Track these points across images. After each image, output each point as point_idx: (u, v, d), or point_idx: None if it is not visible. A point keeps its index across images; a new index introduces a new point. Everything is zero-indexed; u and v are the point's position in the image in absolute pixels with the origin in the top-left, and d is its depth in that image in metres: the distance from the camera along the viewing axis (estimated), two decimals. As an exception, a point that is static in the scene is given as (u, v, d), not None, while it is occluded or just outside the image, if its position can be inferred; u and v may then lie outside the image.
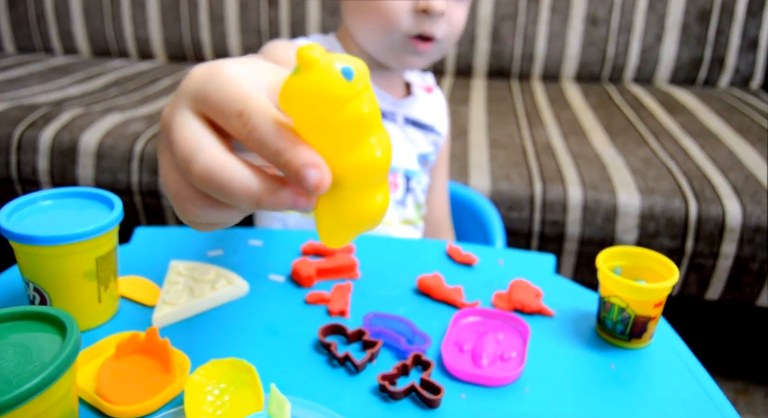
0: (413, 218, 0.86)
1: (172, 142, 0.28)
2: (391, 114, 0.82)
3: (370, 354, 0.50)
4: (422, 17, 0.71)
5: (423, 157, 0.87)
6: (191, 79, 0.29)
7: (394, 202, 0.84)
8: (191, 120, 0.28)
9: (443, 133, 0.91)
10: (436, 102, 0.91)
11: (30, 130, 1.25)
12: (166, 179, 0.29)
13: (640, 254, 0.55)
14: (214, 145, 0.27)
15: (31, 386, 0.31)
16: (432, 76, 0.93)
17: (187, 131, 0.28)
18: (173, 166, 0.29)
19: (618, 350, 0.53)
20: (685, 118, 1.49)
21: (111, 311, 0.54)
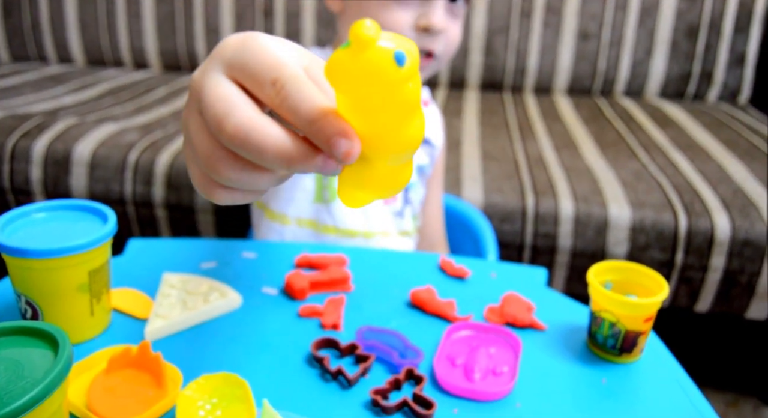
0: (410, 229, 0.86)
1: (203, 102, 0.28)
2: None
3: (363, 368, 0.50)
4: (422, 34, 0.71)
5: (420, 170, 0.88)
6: (225, 46, 0.29)
7: (392, 214, 0.84)
8: (224, 82, 0.28)
9: (438, 146, 0.92)
10: (431, 116, 0.91)
11: (24, 139, 1.25)
12: (197, 145, 0.29)
13: (631, 268, 0.56)
14: (247, 105, 0.27)
15: (22, 403, 0.31)
16: (428, 91, 0.93)
17: (220, 91, 0.27)
18: (204, 129, 0.28)
19: (609, 364, 0.54)
20: (674, 131, 1.50)
21: (103, 324, 0.54)
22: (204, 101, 0.28)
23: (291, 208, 0.82)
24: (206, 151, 0.28)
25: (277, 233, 0.84)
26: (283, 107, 0.26)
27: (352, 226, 0.80)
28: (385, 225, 0.82)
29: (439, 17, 0.70)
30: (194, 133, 0.29)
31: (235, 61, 0.28)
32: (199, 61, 1.93)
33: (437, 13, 0.70)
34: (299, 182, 0.80)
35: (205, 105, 0.28)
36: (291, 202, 0.82)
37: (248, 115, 0.27)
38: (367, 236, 0.80)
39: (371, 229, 0.81)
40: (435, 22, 0.70)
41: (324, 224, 0.80)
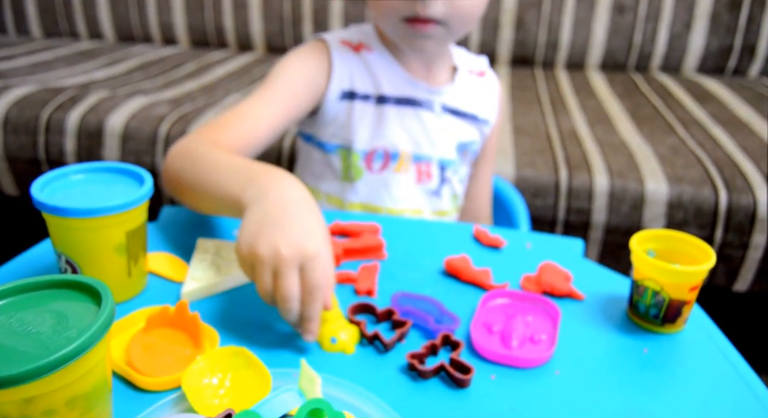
0: (448, 209, 0.84)
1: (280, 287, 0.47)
2: (428, 102, 0.80)
3: (400, 334, 0.50)
4: (414, 1, 0.67)
5: (463, 147, 0.84)
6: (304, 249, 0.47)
7: (426, 192, 0.81)
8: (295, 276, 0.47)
9: (491, 121, 0.87)
10: (486, 87, 0.86)
11: (57, 112, 1.26)
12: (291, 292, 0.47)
13: (675, 237, 0.54)
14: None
15: (69, 352, 0.31)
16: (486, 60, 0.88)
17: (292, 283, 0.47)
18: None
19: (651, 334, 0.52)
20: (714, 107, 1.45)
21: (140, 285, 0.54)
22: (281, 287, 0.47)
23: (322, 183, 0.81)
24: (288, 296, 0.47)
25: None
26: (306, 303, 0.48)
27: (378, 202, 0.79)
28: (417, 203, 0.81)
29: None
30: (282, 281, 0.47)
31: (303, 270, 0.47)
32: (227, 36, 1.93)
33: None
34: (328, 161, 0.79)
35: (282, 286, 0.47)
36: (321, 178, 0.81)
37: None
38: (393, 212, 0.79)
39: (397, 206, 0.79)
40: None
41: (350, 202, 0.79)
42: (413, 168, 0.80)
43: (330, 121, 0.78)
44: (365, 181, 0.79)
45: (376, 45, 0.79)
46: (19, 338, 0.33)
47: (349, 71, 0.77)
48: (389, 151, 0.78)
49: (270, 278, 0.47)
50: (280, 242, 0.46)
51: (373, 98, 0.78)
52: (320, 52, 0.77)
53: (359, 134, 0.77)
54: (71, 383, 0.32)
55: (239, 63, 1.78)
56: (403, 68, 0.79)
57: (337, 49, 0.78)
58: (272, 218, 0.49)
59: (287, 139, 1.20)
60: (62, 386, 0.32)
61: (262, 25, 1.89)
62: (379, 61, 0.78)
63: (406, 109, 0.79)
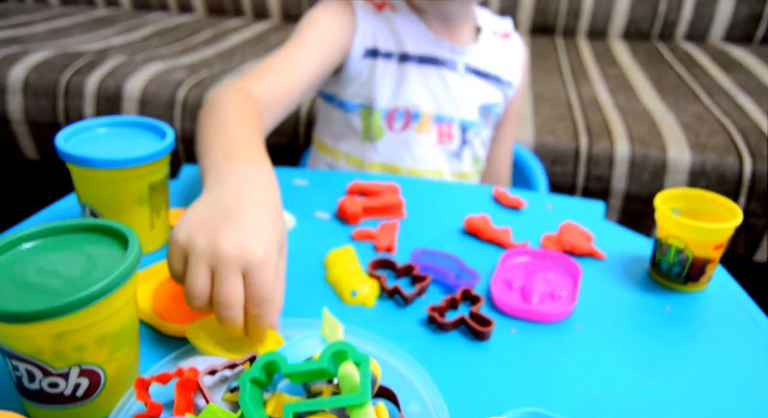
0: (469, 171, 0.83)
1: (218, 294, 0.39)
2: (451, 62, 0.79)
3: (420, 288, 0.50)
4: None
5: (485, 109, 0.83)
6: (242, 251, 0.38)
7: (447, 154, 0.80)
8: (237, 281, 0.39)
9: (515, 84, 0.85)
10: (510, 49, 0.85)
11: (76, 76, 1.27)
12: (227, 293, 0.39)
13: (700, 195, 0.53)
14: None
15: (97, 290, 0.32)
16: (510, 22, 0.87)
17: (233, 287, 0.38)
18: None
19: (673, 292, 0.52)
20: (741, 75, 1.41)
21: (162, 238, 0.55)
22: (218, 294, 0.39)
23: (342, 144, 0.81)
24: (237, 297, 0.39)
25: (328, 165, 0.83)
26: (250, 306, 0.39)
27: (398, 162, 0.79)
28: (437, 164, 0.80)
29: None
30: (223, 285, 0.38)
31: (245, 276, 0.39)
32: (242, 4, 1.91)
33: None
34: (348, 120, 0.79)
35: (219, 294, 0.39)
36: (342, 138, 0.81)
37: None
38: (413, 173, 0.79)
39: (418, 166, 0.79)
40: None
41: (370, 161, 0.79)
42: (435, 128, 0.79)
43: (353, 79, 0.77)
44: (386, 141, 0.78)
45: (399, 4, 0.78)
46: (50, 277, 0.33)
47: (372, 29, 0.76)
48: (411, 110, 0.77)
49: (205, 277, 0.38)
50: (223, 238, 0.38)
51: (396, 56, 0.77)
52: (346, 8, 0.76)
53: (381, 93, 0.77)
54: (100, 321, 0.33)
55: (255, 30, 1.76)
56: (426, 27, 0.77)
57: (361, 7, 0.77)
58: (224, 209, 0.41)
59: (304, 106, 1.20)
60: (91, 323, 0.33)
61: (279, -9, 1.87)
62: (402, 19, 0.77)
63: (429, 68, 0.78)
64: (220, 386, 0.36)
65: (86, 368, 0.34)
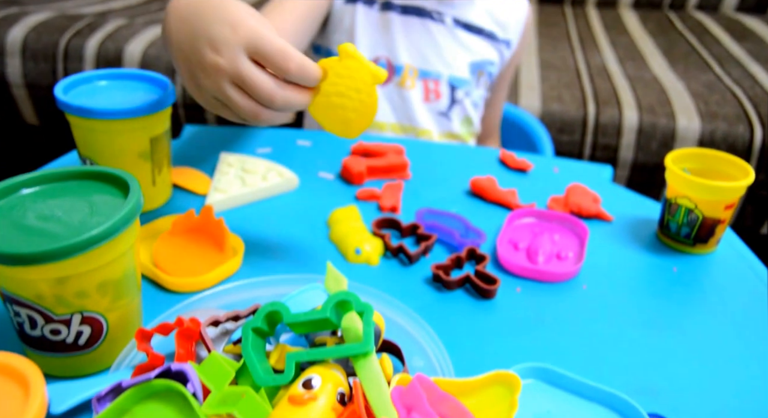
0: (460, 132, 0.81)
1: (249, 81, 0.39)
2: (438, 14, 0.75)
3: (425, 246, 0.49)
4: None
5: (477, 66, 0.79)
6: (239, 37, 0.38)
7: (434, 112, 0.78)
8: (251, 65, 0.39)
9: (513, 43, 0.81)
10: (512, 4, 0.80)
11: (76, 38, 1.25)
12: (258, 88, 0.39)
13: (711, 155, 0.52)
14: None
15: (98, 233, 0.31)
16: None
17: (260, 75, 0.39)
18: (257, 81, 0.39)
19: (681, 254, 0.51)
20: (753, 44, 1.39)
21: (165, 195, 0.54)
22: (249, 81, 0.39)
23: None
24: (269, 90, 0.39)
25: (316, 123, 0.81)
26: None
27: (381, 118, 0.76)
28: (424, 122, 0.77)
29: None
30: (250, 81, 0.39)
31: (251, 50, 0.39)
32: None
33: None
34: None
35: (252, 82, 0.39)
36: None
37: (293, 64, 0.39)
38: (397, 130, 0.77)
39: (402, 123, 0.77)
40: None
41: None
42: (419, 84, 0.76)
43: (336, 26, 0.75)
44: None
45: None
46: (51, 222, 0.33)
47: None
48: (392, 62, 0.75)
49: (234, 92, 0.39)
50: (218, 28, 0.39)
51: (378, 3, 0.74)
52: None
53: (361, 41, 0.74)
54: (101, 266, 0.33)
55: (258, -5, 1.73)
56: None
57: None
58: (195, 10, 0.41)
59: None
60: (92, 268, 0.32)
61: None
62: None
63: (413, 19, 0.75)
64: (222, 339, 0.36)
65: (88, 316, 0.33)
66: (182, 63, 0.41)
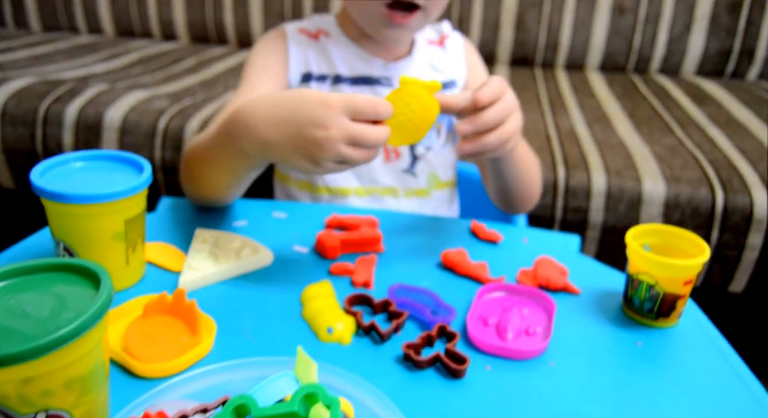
0: (425, 187, 0.81)
1: (360, 137, 0.49)
2: (385, 79, 0.78)
3: (396, 324, 0.50)
4: None
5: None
6: (334, 108, 0.49)
7: (398, 171, 0.79)
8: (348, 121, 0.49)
9: (459, 81, 0.83)
10: (449, 50, 0.83)
11: (56, 104, 1.26)
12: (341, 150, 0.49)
13: (670, 232, 0.54)
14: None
15: (67, 332, 0.31)
16: (448, 24, 0.85)
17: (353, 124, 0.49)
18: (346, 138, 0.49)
19: (645, 328, 0.53)
20: (712, 108, 1.46)
21: (138, 274, 0.54)
22: (353, 128, 0.49)
23: (292, 170, 0.81)
24: (375, 136, 0.50)
25: (285, 193, 0.83)
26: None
27: (344, 184, 0.79)
28: (387, 182, 0.79)
29: None
30: (361, 137, 0.49)
31: (349, 113, 0.49)
32: (227, 32, 1.93)
33: None
34: None
35: (359, 126, 0.49)
36: None
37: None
38: (360, 193, 0.79)
39: (365, 186, 0.79)
40: None
41: (316, 185, 0.79)
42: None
43: None
44: None
45: (335, 31, 0.79)
46: (18, 318, 0.33)
47: (305, 56, 0.78)
48: None
49: (343, 150, 0.49)
50: (315, 111, 0.49)
51: (330, 79, 0.78)
52: (279, 40, 0.79)
53: None
54: (69, 364, 0.33)
55: (239, 59, 1.78)
56: (359, 47, 0.78)
57: (293, 37, 0.79)
58: (281, 112, 0.51)
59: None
60: (60, 367, 0.32)
61: (263, 21, 1.89)
62: (335, 43, 0.79)
63: (362, 88, 0.78)
64: (191, 431, 0.36)
65: (53, 414, 0.33)
66: (293, 153, 0.50)
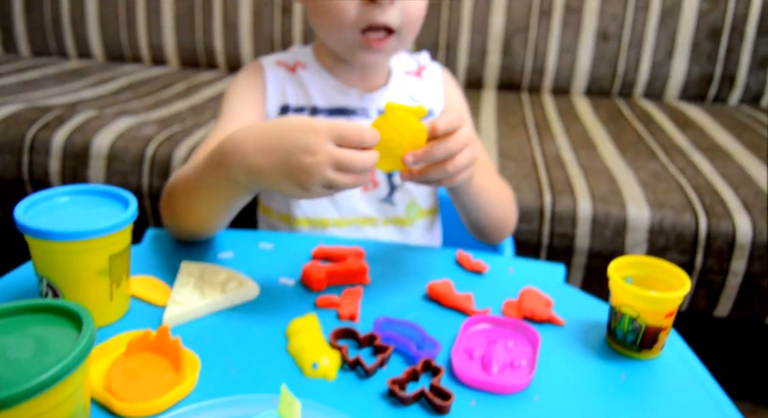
0: (404, 216, 0.82)
1: (346, 161, 0.50)
2: (362, 109, 0.79)
3: (381, 359, 0.50)
4: (370, 7, 0.68)
5: None
6: (321, 134, 0.51)
7: (376, 200, 0.80)
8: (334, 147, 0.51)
9: (436, 111, 0.83)
10: (426, 81, 0.84)
11: (43, 131, 1.26)
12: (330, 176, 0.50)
13: (652, 264, 0.55)
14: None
15: (46, 378, 0.31)
16: (426, 55, 0.86)
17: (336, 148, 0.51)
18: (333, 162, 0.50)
19: (628, 360, 0.53)
20: (695, 133, 1.48)
21: (122, 309, 0.54)
22: (339, 153, 0.51)
23: (272, 202, 0.82)
24: (361, 160, 0.51)
25: (268, 224, 0.84)
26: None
27: (323, 215, 0.79)
28: (366, 212, 0.80)
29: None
30: (347, 161, 0.50)
31: (335, 138, 0.51)
32: (217, 58, 1.95)
33: None
34: None
35: (343, 152, 0.51)
36: (271, 197, 0.82)
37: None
38: (340, 223, 0.79)
39: (345, 216, 0.79)
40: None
41: (295, 217, 0.79)
42: None
43: None
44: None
45: (311, 62, 0.81)
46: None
47: (282, 88, 0.79)
48: None
49: (332, 175, 0.50)
50: (302, 138, 0.50)
51: (307, 110, 0.78)
52: (256, 74, 0.80)
53: None
54: (48, 410, 0.32)
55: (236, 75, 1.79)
56: (335, 78, 0.79)
57: (271, 69, 0.80)
58: (271, 139, 0.52)
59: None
60: (39, 413, 0.32)
61: (252, 46, 1.91)
62: (312, 75, 0.80)
63: (339, 119, 0.78)
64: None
65: (31, 460, 0.33)
66: (282, 179, 0.51)
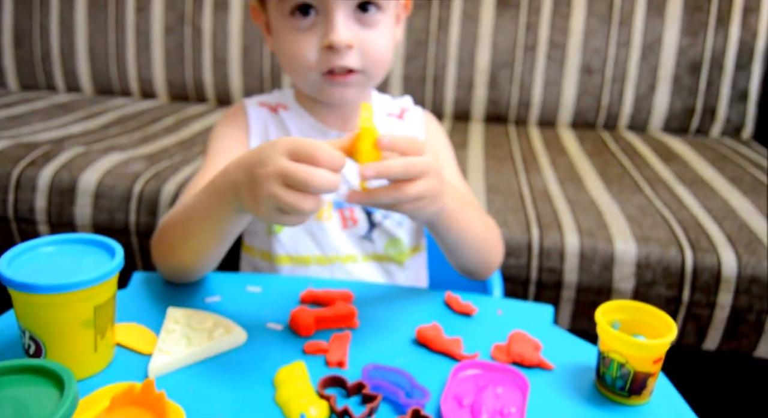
0: (383, 253, 0.82)
1: (290, 173, 0.50)
2: None
3: (370, 408, 0.49)
4: (329, 53, 0.70)
5: None
6: (278, 148, 0.51)
7: (355, 238, 0.80)
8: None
9: None
10: (408, 125, 0.85)
11: (29, 168, 1.26)
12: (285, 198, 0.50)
13: (639, 308, 0.55)
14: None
15: (27, 445, 0.31)
16: (409, 99, 0.88)
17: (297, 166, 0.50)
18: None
19: (618, 406, 0.53)
20: (678, 166, 1.51)
21: (106, 360, 0.53)
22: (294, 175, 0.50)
23: (255, 240, 0.82)
24: (305, 175, 0.50)
25: (249, 263, 0.84)
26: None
27: (304, 252, 0.79)
28: (346, 249, 0.80)
29: (338, 34, 0.68)
30: (291, 172, 0.50)
31: (290, 153, 0.51)
32: (206, 91, 1.96)
33: (336, 29, 0.68)
34: None
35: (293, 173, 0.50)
36: (253, 235, 0.82)
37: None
38: (322, 261, 0.79)
39: (326, 254, 0.79)
40: (334, 40, 0.68)
41: (277, 254, 0.79)
42: (336, 215, 0.79)
43: None
44: (287, 233, 0.79)
45: (292, 104, 0.82)
46: (-24, 430, 0.32)
47: (264, 128, 0.80)
48: None
49: (283, 192, 0.50)
50: (264, 151, 0.52)
51: None
52: (239, 114, 0.81)
53: None
54: (28, 478, 0.32)
55: (218, 116, 1.80)
56: (316, 119, 0.80)
57: (254, 110, 0.81)
58: (250, 156, 0.54)
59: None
60: (18, 482, 0.31)
61: (242, 80, 1.93)
62: (293, 116, 0.81)
63: None
64: None
65: None
66: (245, 191, 0.53)
